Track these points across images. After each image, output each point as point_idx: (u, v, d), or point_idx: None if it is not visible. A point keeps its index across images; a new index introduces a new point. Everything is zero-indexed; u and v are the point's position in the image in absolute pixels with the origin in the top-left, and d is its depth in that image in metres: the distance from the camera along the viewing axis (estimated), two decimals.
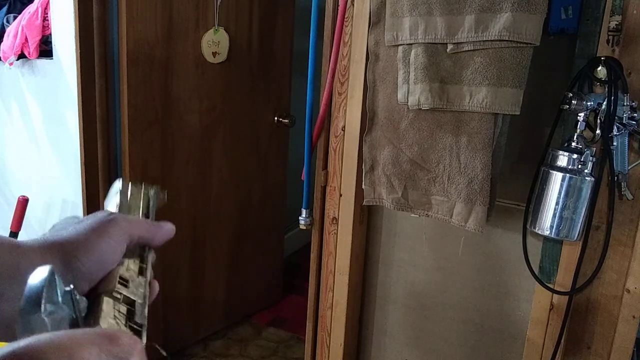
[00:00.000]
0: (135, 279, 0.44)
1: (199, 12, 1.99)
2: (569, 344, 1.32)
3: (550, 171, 1.15)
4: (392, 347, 1.66)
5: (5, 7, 2.21)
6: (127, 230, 0.44)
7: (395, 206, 1.35)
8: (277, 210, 2.60)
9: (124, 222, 0.44)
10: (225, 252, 2.38)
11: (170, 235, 0.49)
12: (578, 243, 1.21)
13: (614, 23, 1.10)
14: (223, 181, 2.27)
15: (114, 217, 0.44)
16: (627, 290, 1.22)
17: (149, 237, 0.47)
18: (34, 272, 0.31)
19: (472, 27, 1.12)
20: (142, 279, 0.45)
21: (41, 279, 0.30)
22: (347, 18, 1.37)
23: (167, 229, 0.48)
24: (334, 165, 1.48)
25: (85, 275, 0.41)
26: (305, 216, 1.57)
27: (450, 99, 1.19)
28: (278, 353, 2.34)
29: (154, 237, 0.47)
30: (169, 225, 0.49)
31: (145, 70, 1.88)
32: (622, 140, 1.12)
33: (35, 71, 2.12)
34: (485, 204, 1.20)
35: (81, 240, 0.41)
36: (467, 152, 1.20)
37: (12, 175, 2.39)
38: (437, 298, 1.55)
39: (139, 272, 0.45)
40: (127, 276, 0.43)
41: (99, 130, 1.93)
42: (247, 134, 2.32)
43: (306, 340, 1.70)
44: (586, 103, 1.11)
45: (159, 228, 0.48)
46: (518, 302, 1.43)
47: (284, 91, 2.45)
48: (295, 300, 2.74)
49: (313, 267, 1.62)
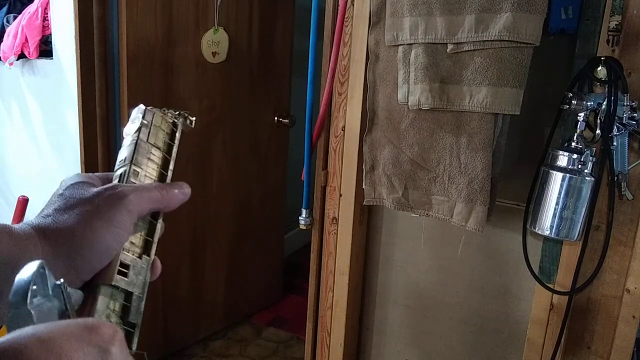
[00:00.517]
0: (137, 263, 0.42)
1: (199, 12, 1.99)
2: (569, 344, 1.32)
3: (550, 171, 1.15)
4: (392, 347, 1.66)
5: (5, 7, 2.21)
6: (137, 209, 0.41)
7: (396, 206, 1.35)
8: (277, 210, 2.60)
9: (134, 200, 0.41)
10: (225, 252, 2.38)
11: (185, 198, 0.45)
12: (578, 243, 1.21)
13: (614, 23, 1.10)
14: (223, 181, 2.27)
15: (123, 199, 0.40)
16: (627, 290, 1.22)
17: (162, 207, 0.44)
18: (25, 266, 0.31)
19: (472, 27, 1.12)
20: (144, 260, 0.43)
21: (30, 273, 0.31)
22: (347, 18, 1.37)
23: (182, 193, 0.45)
24: (334, 165, 1.48)
25: (87, 267, 0.40)
26: (305, 216, 1.57)
27: (450, 99, 1.19)
28: (278, 353, 2.34)
29: (168, 205, 0.44)
30: (184, 188, 0.45)
31: (145, 70, 1.88)
32: (622, 140, 1.12)
33: (35, 71, 2.12)
34: (486, 203, 1.20)
35: (86, 232, 0.39)
36: (467, 152, 1.20)
37: (12, 175, 2.39)
38: (437, 298, 1.55)
39: (142, 249, 0.43)
40: (129, 261, 0.42)
41: (99, 130, 1.93)
42: (247, 134, 2.32)
43: (306, 340, 1.70)
44: (586, 103, 1.11)
45: (173, 194, 0.44)
46: (518, 302, 1.43)
47: (284, 91, 2.45)
48: (295, 300, 2.74)
49: (313, 267, 1.62)
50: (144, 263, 0.43)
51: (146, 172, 0.45)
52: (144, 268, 0.43)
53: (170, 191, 0.44)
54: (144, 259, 0.43)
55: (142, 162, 0.45)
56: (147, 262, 0.43)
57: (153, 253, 0.44)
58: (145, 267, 0.43)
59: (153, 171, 0.46)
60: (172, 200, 0.44)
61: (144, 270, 0.43)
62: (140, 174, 0.45)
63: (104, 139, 1.95)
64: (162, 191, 0.43)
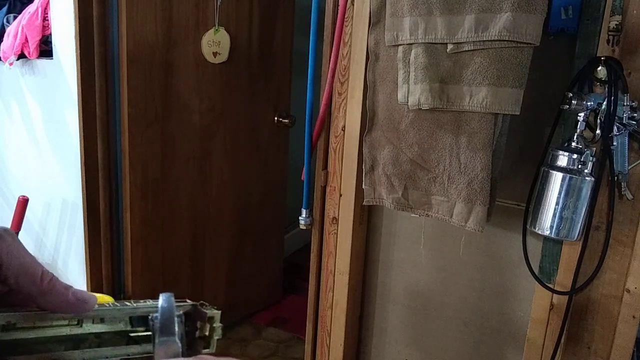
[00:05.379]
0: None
1: (199, 12, 1.99)
2: (569, 344, 1.32)
3: (550, 171, 1.15)
4: (392, 347, 1.66)
5: (5, 7, 2.20)
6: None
7: (396, 206, 1.35)
8: (277, 210, 2.60)
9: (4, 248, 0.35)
10: (225, 252, 2.38)
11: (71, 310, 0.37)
12: (578, 243, 1.21)
13: (614, 23, 1.10)
14: (223, 181, 2.27)
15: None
16: (627, 290, 1.22)
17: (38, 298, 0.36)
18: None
19: (472, 27, 1.12)
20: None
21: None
22: (347, 18, 1.37)
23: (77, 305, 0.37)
24: (334, 165, 1.48)
25: None
26: (305, 216, 1.57)
27: (450, 99, 1.19)
28: (278, 353, 2.34)
29: (47, 303, 0.37)
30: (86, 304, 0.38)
31: (145, 70, 1.88)
32: (622, 140, 1.12)
33: (35, 71, 2.12)
34: (486, 203, 1.20)
35: None
36: (467, 152, 1.20)
37: (12, 175, 2.39)
38: (437, 298, 1.55)
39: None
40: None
41: (99, 130, 1.93)
42: (247, 134, 2.32)
43: (306, 340, 1.70)
44: (586, 103, 1.11)
45: (67, 299, 0.37)
46: (518, 302, 1.43)
47: (284, 91, 2.45)
48: (295, 300, 2.74)
49: (313, 267, 1.62)
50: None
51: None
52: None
53: (77, 296, 0.37)
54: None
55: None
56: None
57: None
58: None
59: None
60: (57, 304, 0.37)
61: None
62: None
63: (104, 139, 1.95)
64: (68, 292, 0.37)
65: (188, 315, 0.41)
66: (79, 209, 2.04)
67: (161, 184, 2.04)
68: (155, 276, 2.11)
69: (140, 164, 1.95)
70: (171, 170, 2.06)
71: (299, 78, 2.37)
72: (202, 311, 0.42)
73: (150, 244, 2.06)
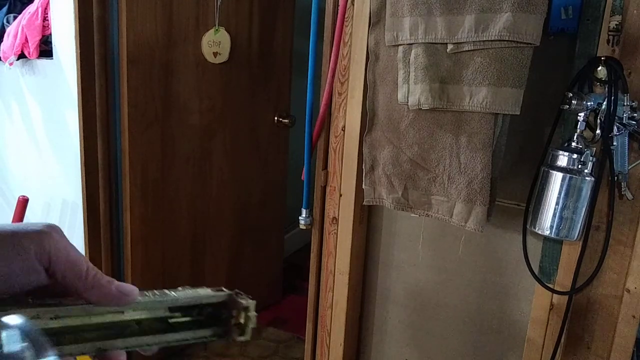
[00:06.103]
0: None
1: (199, 12, 1.99)
2: (569, 344, 1.32)
3: (550, 171, 1.15)
4: (392, 347, 1.66)
5: (5, 7, 2.21)
6: (46, 255, 0.36)
7: (396, 206, 1.35)
8: (277, 210, 2.60)
9: (52, 245, 0.36)
10: (225, 252, 2.38)
11: (118, 302, 0.39)
12: (578, 243, 1.21)
13: (614, 23, 1.10)
14: (223, 181, 2.27)
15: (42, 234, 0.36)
16: (627, 290, 1.22)
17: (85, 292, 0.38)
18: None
19: (472, 27, 1.12)
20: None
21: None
22: (347, 18, 1.37)
23: (120, 297, 0.39)
24: (334, 165, 1.48)
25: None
26: (305, 216, 1.57)
27: (450, 99, 1.19)
28: (278, 353, 2.34)
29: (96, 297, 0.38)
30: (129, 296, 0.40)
31: (145, 70, 1.88)
32: (622, 140, 1.12)
33: (35, 71, 2.12)
34: (485, 203, 1.20)
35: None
36: (467, 152, 1.20)
37: (12, 175, 2.39)
38: (437, 298, 1.55)
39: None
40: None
41: (99, 130, 1.93)
42: (247, 133, 2.32)
43: (306, 340, 1.70)
44: (586, 103, 1.11)
45: (110, 292, 0.39)
46: (518, 302, 1.43)
47: (284, 91, 2.45)
48: (295, 300, 2.74)
49: (313, 267, 1.62)
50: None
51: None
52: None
53: (119, 289, 0.39)
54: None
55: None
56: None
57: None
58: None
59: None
60: (105, 297, 0.38)
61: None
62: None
63: (104, 139, 1.95)
64: (111, 285, 0.39)
65: (224, 304, 0.46)
66: (79, 209, 2.04)
67: (161, 184, 2.04)
68: (155, 276, 2.12)
69: (140, 164, 1.95)
70: (171, 170, 2.06)
71: (299, 78, 2.37)
72: (237, 300, 0.46)
73: (150, 244, 2.06)
